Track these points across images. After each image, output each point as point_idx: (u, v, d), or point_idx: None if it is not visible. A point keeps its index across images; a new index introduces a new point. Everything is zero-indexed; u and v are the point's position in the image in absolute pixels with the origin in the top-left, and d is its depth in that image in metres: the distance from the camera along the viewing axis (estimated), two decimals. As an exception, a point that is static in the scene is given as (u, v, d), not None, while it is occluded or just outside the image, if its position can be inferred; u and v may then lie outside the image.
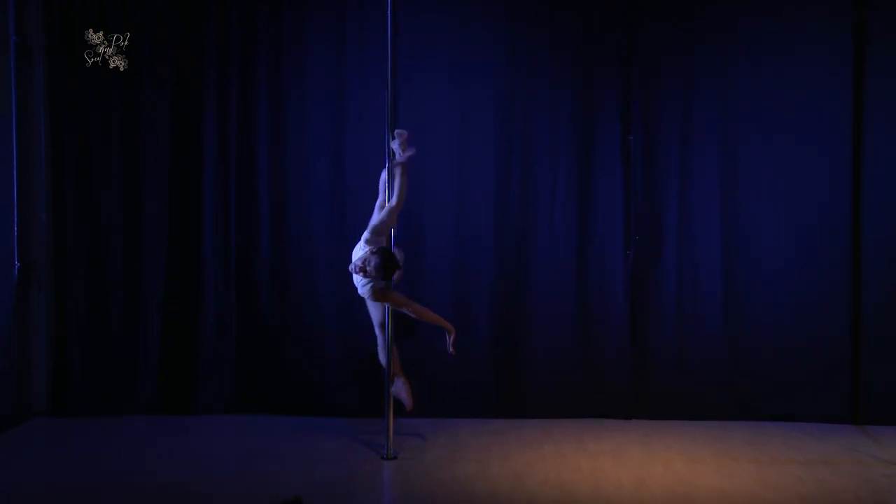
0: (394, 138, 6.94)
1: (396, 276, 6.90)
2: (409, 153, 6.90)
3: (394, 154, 6.94)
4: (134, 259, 8.17)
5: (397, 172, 6.86)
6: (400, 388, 7.04)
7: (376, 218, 6.91)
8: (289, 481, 6.36)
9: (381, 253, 6.72)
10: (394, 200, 6.84)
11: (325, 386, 8.17)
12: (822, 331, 8.01)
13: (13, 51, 7.87)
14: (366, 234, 6.88)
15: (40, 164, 8.10)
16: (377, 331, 7.19)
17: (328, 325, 8.17)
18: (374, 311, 7.15)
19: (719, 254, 8.09)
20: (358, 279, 6.92)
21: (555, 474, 6.54)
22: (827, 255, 8.02)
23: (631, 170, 8.12)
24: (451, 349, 6.84)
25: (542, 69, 8.13)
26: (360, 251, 6.88)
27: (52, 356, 8.14)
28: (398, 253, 6.95)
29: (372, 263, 6.68)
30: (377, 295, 6.87)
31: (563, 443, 7.36)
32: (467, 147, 8.15)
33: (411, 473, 6.60)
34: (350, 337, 8.14)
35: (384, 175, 6.99)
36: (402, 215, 7.12)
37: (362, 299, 7.72)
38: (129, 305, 8.16)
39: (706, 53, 8.08)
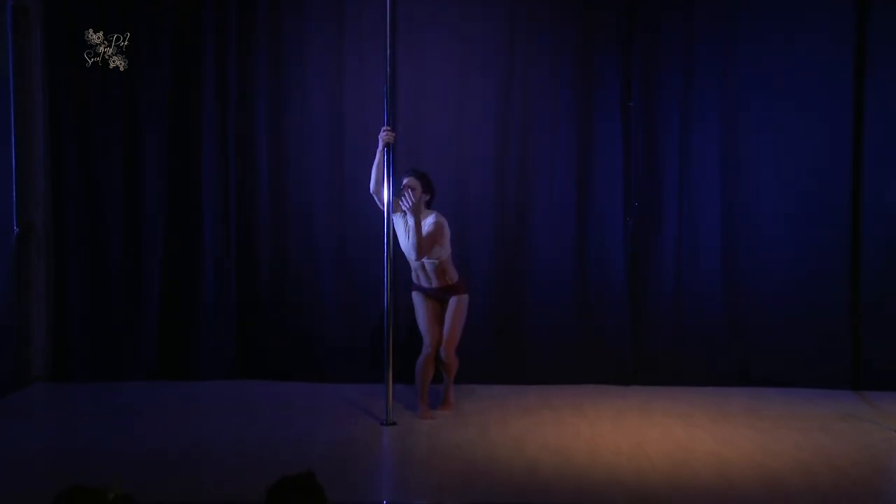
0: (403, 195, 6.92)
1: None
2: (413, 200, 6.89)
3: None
4: (134, 223, 8.15)
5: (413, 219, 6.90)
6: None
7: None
8: (288, 447, 6.37)
9: (414, 174, 6.97)
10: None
11: (324, 352, 8.18)
12: (822, 298, 8.01)
13: (10, 13, 7.80)
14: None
15: (38, 126, 8.06)
16: (427, 336, 7.08)
17: (328, 292, 8.17)
18: (424, 310, 7.10)
19: (719, 220, 8.07)
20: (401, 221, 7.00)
21: (554, 440, 6.55)
22: (827, 223, 8.00)
23: (631, 136, 8.08)
24: None
25: (542, 34, 8.08)
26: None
27: (52, 321, 8.15)
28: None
29: (408, 180, 6.92)
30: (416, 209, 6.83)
31: (562, 409, 7.37)
32: (466, 111, 8.11)
33: (410, 439, 6.61)
34: (350, 303, 8.15)
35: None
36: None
37: (363, 267, 7.73)
38: (129, 270, 8.16)
39: (706, 18, 8.01)
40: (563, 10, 8.07)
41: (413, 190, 6.92)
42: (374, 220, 7.41)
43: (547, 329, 8.13)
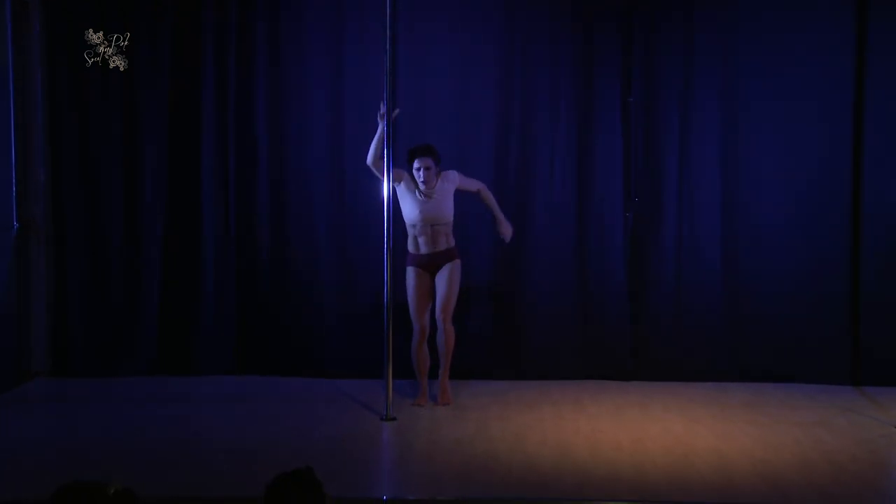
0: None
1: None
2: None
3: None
4: (134, 221, 8.16)
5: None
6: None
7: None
8: (288, 442, 6.38)
9: (418, 149, 7.11)
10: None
11: (324, 347, 8.19)
12: (822, 293, 8.00)
13: (9, 4, 7.78)
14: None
15: (38, 125, 8.05)
16: (417, 321, 7.22)
17: (328, 287, 8.18)
18: (415, 288, 7.20)
19: (719, 219, 8.07)
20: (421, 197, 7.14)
21: (554, 435, 6.56)
22: (827, 222, 8.00)
23: (631, 135, 8.08)
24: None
25: (541, 34, 8.08)
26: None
27: (53, 317, 8.15)
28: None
29: (421, 161, 7.07)
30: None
31: (561, 404, 7.38)
32: (466, 107, 8.12)
33: (410, 434, 6.61)
34: (350, 298, 8.15)
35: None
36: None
37: (363, 262, 7.73)
38: (129, 266, 8.17)
39: (706, 18, 8.00)
40: (562, 10, 8.07)
41: (429, 170, 7.13)
42: (373, 215, 7.42)
43: (547, 324, 8.13)
